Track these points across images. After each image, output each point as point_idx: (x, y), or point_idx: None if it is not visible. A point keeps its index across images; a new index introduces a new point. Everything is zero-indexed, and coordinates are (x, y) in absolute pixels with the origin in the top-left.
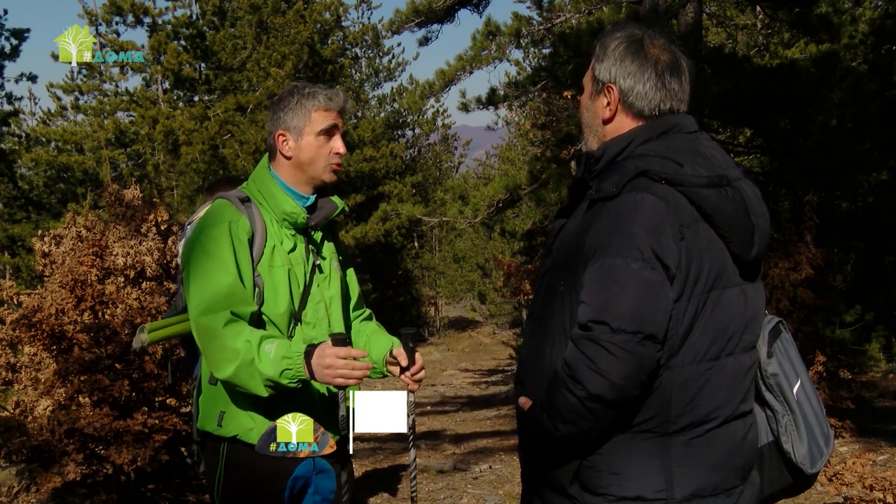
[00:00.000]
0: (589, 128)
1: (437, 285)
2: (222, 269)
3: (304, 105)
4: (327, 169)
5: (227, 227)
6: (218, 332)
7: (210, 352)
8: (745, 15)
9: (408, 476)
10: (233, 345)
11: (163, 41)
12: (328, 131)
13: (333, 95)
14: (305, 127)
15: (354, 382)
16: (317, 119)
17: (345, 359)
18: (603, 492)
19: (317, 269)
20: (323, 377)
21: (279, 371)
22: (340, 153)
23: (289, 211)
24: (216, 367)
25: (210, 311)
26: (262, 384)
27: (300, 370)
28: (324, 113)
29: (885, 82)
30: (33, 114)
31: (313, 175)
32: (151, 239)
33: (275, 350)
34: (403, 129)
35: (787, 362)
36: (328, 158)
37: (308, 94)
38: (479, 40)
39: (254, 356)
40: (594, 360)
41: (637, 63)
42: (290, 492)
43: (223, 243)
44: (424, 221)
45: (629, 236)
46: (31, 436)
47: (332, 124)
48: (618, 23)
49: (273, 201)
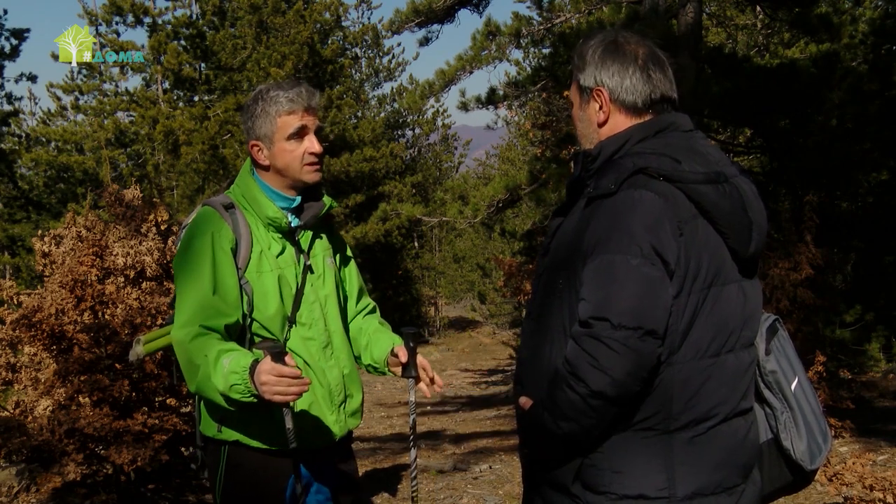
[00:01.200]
0: (585, 137)
1: (437, 285)
2: (197, 282)
3: (268, 112)
4: (305, 170)
5: (210, 237)
6: (185, 346)
7: (181, 365)
8: (745, 15)
9: (408, 476)
10: (194, 359)
11: (163, 41)
12: (297, 133)
13: (296, 96)
14: (274, 134)
15: (292, 398)
16: (283, 124)
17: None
18: (605, 490)
19: (308, 270)
20: (262, 393)
21: (228, 386)
22: (315, 152)
23: (272, 216)
24: (186, 381)
25: (183, 325)
26: (219, 398)
27: (248, 385)
28: (288, 116)
29: (885, 82)
30: (33, 114)
31: (293, 178)
32: (151, 239)
33: (228, 365)
34: (403, 129)
35: (784, 360)
36: (303, 160)
37: (270, 98)
38: (479, 40)
39: (210, 371)
40: (595, 357)
41: (618, 61)
42: (292, 491)
43: (203, 255)
44: (424, 221)
45: (628, 233)
46: (31, 436)
47: (300, 126)
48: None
49: (256, 206)
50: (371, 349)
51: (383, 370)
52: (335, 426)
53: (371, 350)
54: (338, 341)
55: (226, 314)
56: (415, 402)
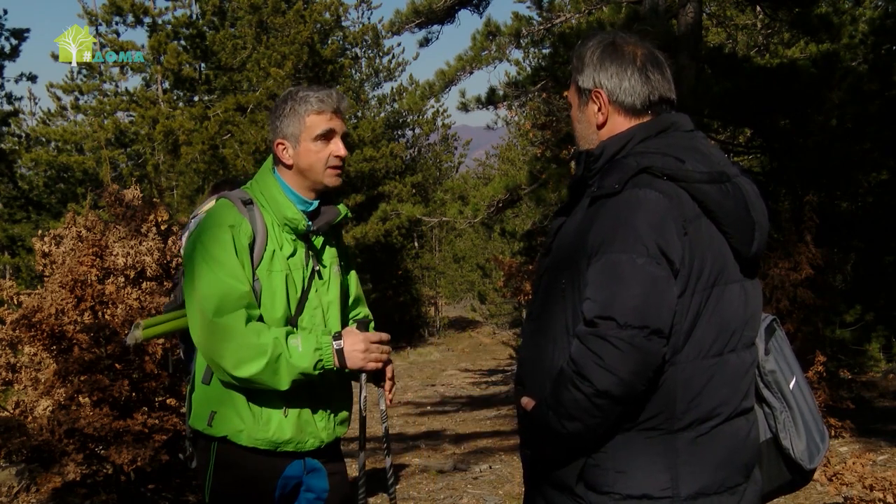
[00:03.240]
0: (583, 138)
1: (437, 285)
2: (231, 273)
3: (297, 111)
4: (328, 174)
5: (230, 230)
6: (239, 331)
7: (229, 351)
8: (745, 15)
9: (407, 476)
10: (258, 341)
11: (163, 41)
12: (325, 135)
13: (326, 97)
14: (301, 133)
15: (381, 365)
16: (311, 124)
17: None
18: (608, 490)
19: (316, 275)
20: (355, 362)
21: (313, 363)
22: (340, 156)
23: (290, 217)
24: (237, 367)
25: (225, 311)
26: (290, 378)
27: (330, 360)
28: (317, 116)
29: (885, 82)
30: (33, 114)
31: (315, 180)
32: (151, 239)
33: (302, 343)
34: (403, 129)
35: (782, 359)
36: (327, 162)
37: (300, 98)
38: (479, 40)
39: (282, 351)
40: (601, 356)
41: (616, 63)
42: (282, 491)
43: (227, 247)
44: (424, 221)
45: (634, 232)
46: (31, 436)
47: (328, 128)
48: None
49: (275, 205)
50: None
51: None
52: (324, 432)
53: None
54: None
55: (255, 306)
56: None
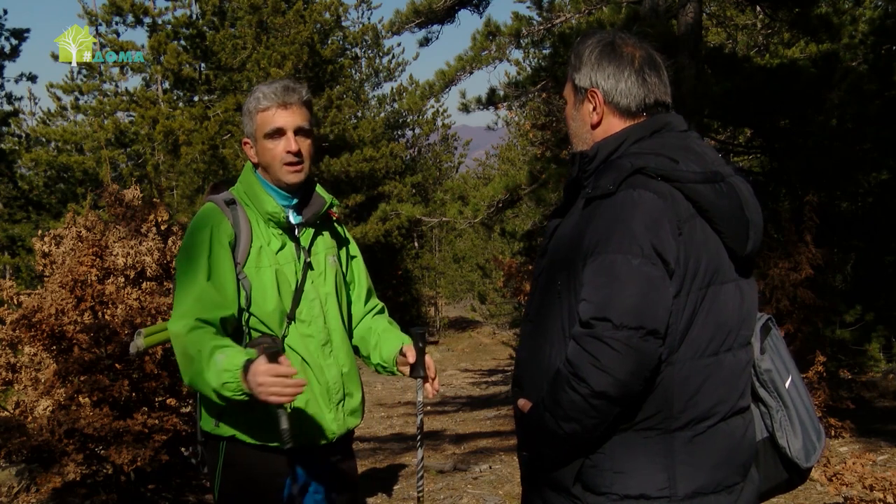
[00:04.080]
0: (577, 137)
1: (437, 285)
2: (194, 276)
3: (250, 109)
4: (284, 170)
5: (209, 231)
6: (181, 339)
7: (177, 357)
8: (745, 15)
9: (407, 477)
10: (189, 352)
11: (163, 41)
12: (274, 133)
13: (271, 92)
14: (255, 131)
15: (288, 400)
16: (261, 122)
17: (277, 376)
18: (606, 491)
19: (309, 267)
20: (257, 394)
21: (221, 383)
22: (291, 151)
23: (270, 211)
24: (181, 373)
25: (179, 317)
26: (212, 393)
27: (240, 384)
28: (264, 114)
29: (885, 82)
30: (33, 114)
31: (275, 178)
32: (151, 239)
33: (222, 362)
34: (403, 129)
35: (778, 359)
36: (282, 159)
37: (254, 96)
38: (479, 41)
39: (203, 366)
40: (597, 357)
41: (614, 63)
42: (289, 490)
43: (201, 249)
44: (424, 221)
45: (629, 232)
46: (31, 436)
47: (276, 126)
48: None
49: (257, 202)
50: (380, 349)
51: (392, 370)
52: (333, 424)
53: (380, 350)
54: (337, 339)
55: (222, 307)
56: (422, 402)
